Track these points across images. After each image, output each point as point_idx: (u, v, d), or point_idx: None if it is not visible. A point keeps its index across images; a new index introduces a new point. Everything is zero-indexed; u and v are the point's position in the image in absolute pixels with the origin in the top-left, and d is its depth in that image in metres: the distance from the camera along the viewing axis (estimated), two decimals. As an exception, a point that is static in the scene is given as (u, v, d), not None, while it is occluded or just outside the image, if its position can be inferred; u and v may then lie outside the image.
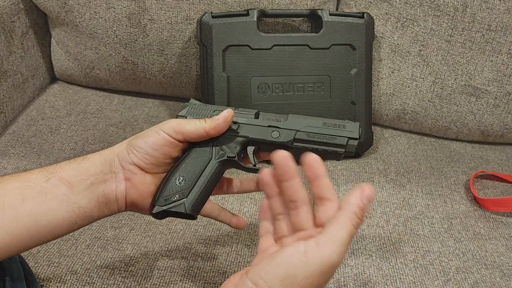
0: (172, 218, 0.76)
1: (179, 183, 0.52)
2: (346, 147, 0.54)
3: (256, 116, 0.56)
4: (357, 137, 0.54)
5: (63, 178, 0.49)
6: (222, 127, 0.53)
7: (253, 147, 0.56)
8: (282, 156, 0.44)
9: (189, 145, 0.54)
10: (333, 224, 0.41)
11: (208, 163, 0.53)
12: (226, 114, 0.53)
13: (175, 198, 0.51)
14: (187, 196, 0.52)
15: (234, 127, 0.55)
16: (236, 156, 0.54)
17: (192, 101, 0.58)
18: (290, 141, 0.54)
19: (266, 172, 0.47)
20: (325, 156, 0.54)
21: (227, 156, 0.54)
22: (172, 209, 0.52)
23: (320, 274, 0.40)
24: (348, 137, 0.54)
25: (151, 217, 0.78)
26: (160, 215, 0.53)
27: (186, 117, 0.57)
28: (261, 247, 0.48)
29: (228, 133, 0.54)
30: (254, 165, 0.56)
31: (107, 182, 0.50)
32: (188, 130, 0.51)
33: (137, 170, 0.51)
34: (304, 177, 0.45)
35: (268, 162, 0.84)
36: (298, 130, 0.55)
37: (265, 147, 0.56)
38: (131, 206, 0.53)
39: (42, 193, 0.47)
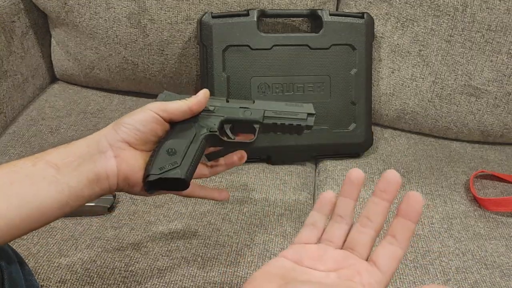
0: (171, 218, 0.76)
1: (170, 154, 0.55)
2: (306, 121, 0.63)
3: (227, 101, 0.63)
4: (314, 112, 0.64)
5: (50, 161, 0.49)
6: (203, 102, 0.58)
7: (229, 125, 0.62)
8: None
9: (172, 125, 0.57)
10: None
11: (194, 137, 0.57)
12: (204, 91, 0.58)
13: (169, 166, 0.54)
14: (180, 164, 0.55)
15: (211, 109, 0.61)
16: (218, 132, 0.59)
17: (166, 91, 0.62)
18: (261, 117, 0.62)
19: (358, 172, 0.47)
20: (290, 130, 0.64)
21: (210, 131, 0.59)
22: (168, 175, 0.54)
23: None
24: (307, 113, 0.63)
25: (149, 217, 0.78)
26: (154, 185, 0.54)
27: None
28: (300, 237, 0.46)
29: (207, 114, 0.60)
30: (233, 139, 0.62)
31: (96, 162, 0.51)
32: (172, 107, 0.55)
33: (125, 146, 0.53)
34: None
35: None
36: (266, 109, 0.63)
37: (239, 125, 0.63)
38: (124, 182, 0.54)
39: (29, 176, 0.47)
